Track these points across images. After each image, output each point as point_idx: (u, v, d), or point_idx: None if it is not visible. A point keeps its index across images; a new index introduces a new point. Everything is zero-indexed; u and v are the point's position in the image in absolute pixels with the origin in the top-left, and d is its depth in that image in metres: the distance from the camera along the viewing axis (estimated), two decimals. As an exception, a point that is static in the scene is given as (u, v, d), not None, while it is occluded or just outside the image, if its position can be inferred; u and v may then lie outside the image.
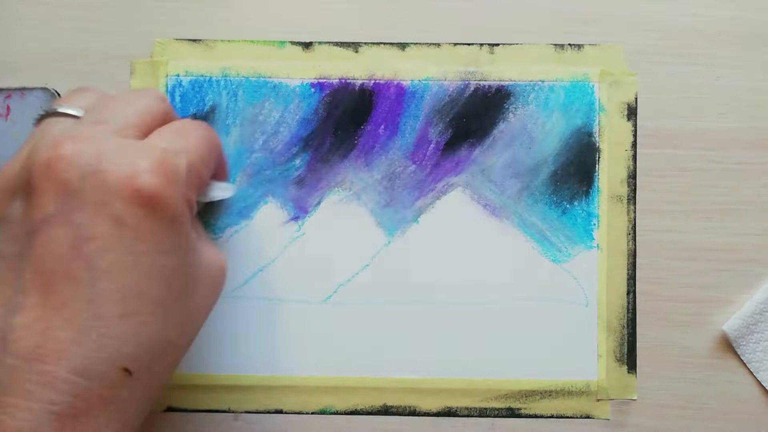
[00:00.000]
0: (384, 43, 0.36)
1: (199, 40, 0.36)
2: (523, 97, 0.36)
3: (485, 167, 0.35)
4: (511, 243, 0.35)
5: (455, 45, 0.36)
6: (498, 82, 0.36)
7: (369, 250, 0.35)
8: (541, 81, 0.36)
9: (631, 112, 0.36)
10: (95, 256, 0.20)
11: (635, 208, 0.35)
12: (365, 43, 0.36)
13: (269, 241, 0.35)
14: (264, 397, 0.35)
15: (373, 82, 0.36)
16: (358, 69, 0.36)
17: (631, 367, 0.35)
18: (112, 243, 0.20)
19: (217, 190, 0.30)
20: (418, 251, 0.35)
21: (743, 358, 0.35)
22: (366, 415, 0.35)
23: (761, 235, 0.35)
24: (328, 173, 0.36)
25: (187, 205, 0.23)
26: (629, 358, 0.35)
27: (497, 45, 0.36)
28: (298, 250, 0.35)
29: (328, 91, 0.36)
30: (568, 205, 0.35)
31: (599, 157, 0.35)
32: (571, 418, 0.35)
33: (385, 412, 0.35)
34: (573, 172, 0.35)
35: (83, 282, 0.20)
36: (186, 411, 0.35)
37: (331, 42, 0.36)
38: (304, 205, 0.36)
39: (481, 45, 0.36)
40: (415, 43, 0.36)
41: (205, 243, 0.26)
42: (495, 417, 0.35)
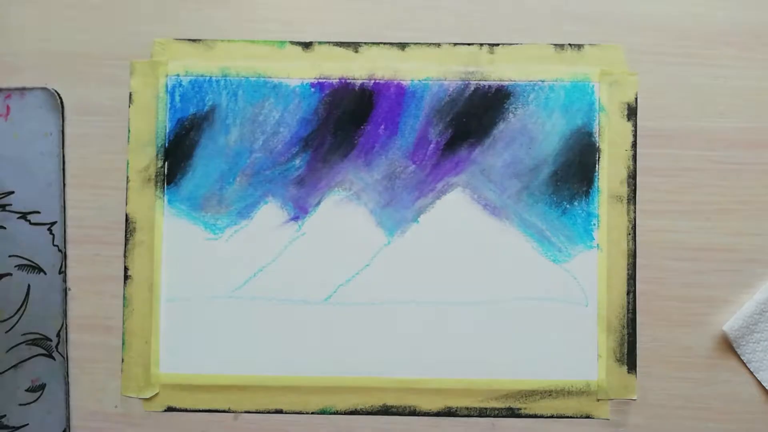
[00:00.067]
0: (384, 43, 0.36)
1: (199, 40, 0.36)
2: (523, 97, 0.36)
3: (485, 167, 0.35)
4: (511, 243, 0.35)
5: (455, 45, 0.36)
6: (498, 82, 0.36)
7: (369, 250, 0.35)
8: (541, 81, 0.36)
9: (631, 112, 0.35)
10: None
11: (635, 208, 0.35)
12: (365, 43, 0.36)
13: (269, 241, 0.35)
14: (264, 397, 0.35)
15: (373, 82, 0.36)
16: (358, 69, 0.36)
17: (631, 367, 0.35)
18: None
19: None
20: (418, 251, 0.35)
21: (743, 358, 0.35)
22: (366, 415, 0.35)
23: (761, 235, 0.35)
24: (328, 173, 0.36)
25: None
26: (629, 358, 0.35)
27: (497, 45, 0.36)
28: (298, 250, 0.35)
29: (328, 91, 0.36)
30: (568, 205, 0.35)
31: (599, 157, 0.35)
32: (571, 417, 0.35)
33: (385, 412, 0.35)
34: (573, 172, 0.35)
35: None
36: (186, 411, 0.35)
37: (331, 42, 0.36)
38: (304, 205, 0.36)
39: (481, 45, 0.36)
40: (415, 43, 0.36)
41: None
42: (495, 417, 0.35)
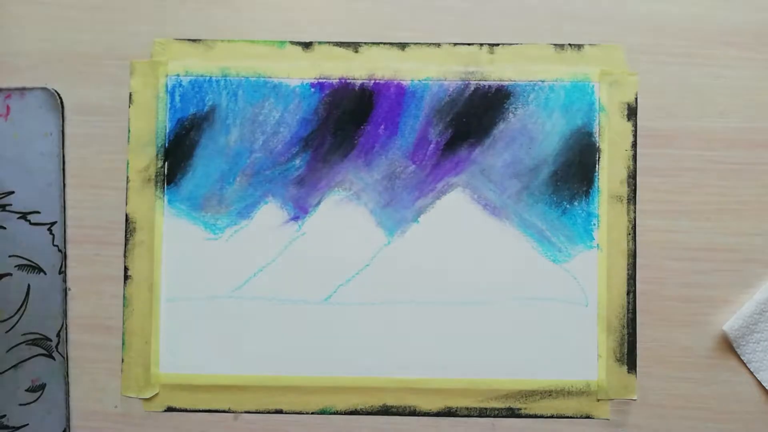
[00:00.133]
0: (384, 43, 0.36)
1: (199, 40, 0.36)
2: (523, 97, 0.35)
3: (485, 167, 0.35)
4: (511, 243, 0.35)
5: (455, 45, 0.36)
6: (498, 82, 0.36)
7: (369, 250, 0.35)
8: (541, 81, 0.36)
9: (631, 112, 0.35)
10: None
11: (635, 208, 0.35)
12: (365, 43, 0.36)
13: (269, 241, 0.35)
14: (264, 397, 0.35)
15: (373, 82, 0.36)
16: (358, 69, 0.36)
17: (631, 367, 0.35)
18: None
19: None
20: (418, 251, 0.35)
21: (743, 358, 0.35)
22: (366, 415, 0.35)
23: (761, 235, 0.35)
24: (328, 173, 0.36)
25: None
26: (629, 358, 0.35)
27: (497, 45, 0.36)
28: (298, 250, 0.35)
29: (328, 91, 0.36)
30: (568, 205, 0.35)
31: (599, 157, 0.35)
32: (571, 418, 0.35)
33: (385, 412, 0.35)
34: (573, 172, 0.35)
35: None
36: (186, 411, 0.35)
37: (331, 42, 0.36)
38: (304, 205, 0.36)
39: (481, 45, 0.36)
40: (415, 43, 0.36)
41: None
42: (495, 417, 0.35)
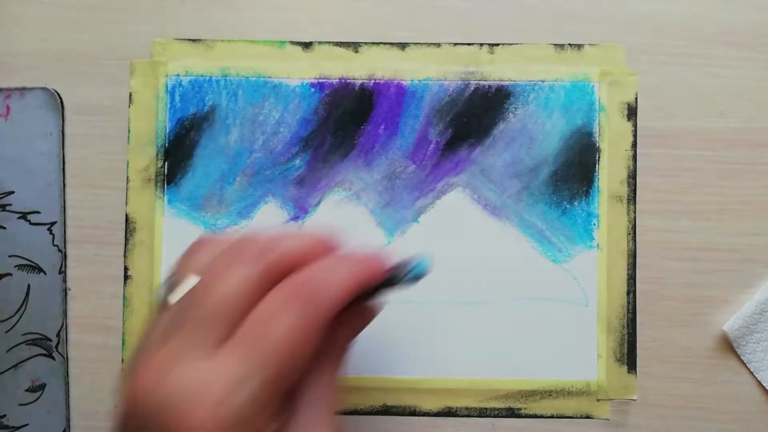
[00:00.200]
0: (384, 43, 0.36)
1: (199, 40, 0.36)
2: (523, 97, 0.35)
3: (485, 167, 0.35)
4: (511, 243, 0.35)
5: (455, 45, 0.36)
6: (498, 82, 0.36)
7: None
8: (541, 81, 0.36)
9: (631, 112, 0.35)
10: None
11: (635, 208, 0.35)
12: (365, 43, 0.36)
13: (269, 241, 0.35)
14: (264, 397, 0.35)
15: (373, 82, 0.36)
16: (358, 69, 0.36)
17: (631, 367, 0.35)
18: None
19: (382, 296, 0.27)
20: (418, 251, 0.35)
21: (743, 358, 0.35)
22: (366, 415, 0.35)
23: (761, 235, 0.35)
24: (328, 173, 0.36)
25: None
26: (629, 358, 0.35)
27: (497, 45, 0.36)
28: (298, 250, 0.35)
29: (328, 91, 0.36)
30: (568, 205, 0.35)
31: (599, 157, 0.35)
32: (571, 418, 0.35)
33: (385, 412, 0.35)
34: (573, 172, 0.35)
35: None
36: (186, 411, 0.35)
37: (331, 42, 0.36)
38: (304, 205, 0.36)
39: (481, 45, 0.36)
40: (415, 43, 0.36)
41: None
42: (495, 417, 0.35)
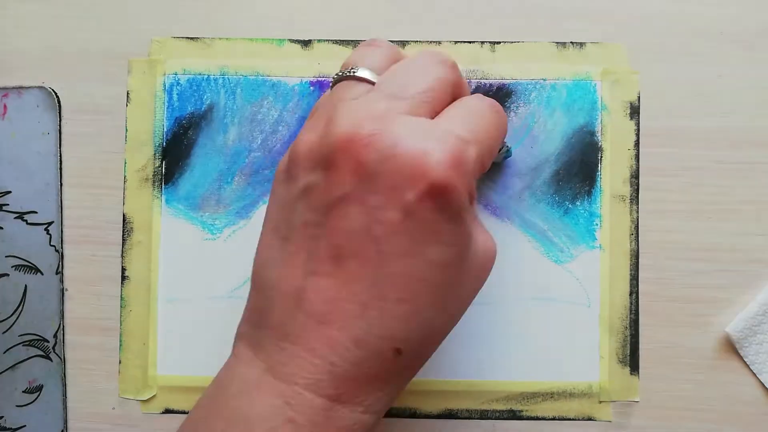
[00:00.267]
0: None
1: (197, 38, 0.36)
2: (524, 96, 0.35)
3: (486, 167, 0.35)
4: (512, 243, 0.35)
5: (456, 43, 0.36)
6: (499, 81, 0.35)
7: (369, 251, 0.35)
8: (542, 79, 0.35)
9: (634, 111, 0.35)
10: (384, 240, 0.21)
11: (638, 208, 0.35)
12: (365, 41, 0.36)
13: (268, 241, 0.35)
14: (263, 399, 0.35)
15: (373, 80, 0.35)
16: (357, 67, 0.35)
17: (634, 368, 0.35)
18: (399, 230, 0.21)
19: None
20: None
21: (746, 360, 0.35)
22: (366, 416, 0.35)
23: (765, 235, 0.35)
24: (327, 173, 0.35)
25: (469, 198, 0.23)
26: (632, 360, 0.35)
27: (499, 43, 0.35)
28: (297, 250, 0.35)
29: (327, 90, 0.35)
30: (570, 205, 0.35)
31: (601, 157, 0.35)
32: (573, 420, 0.35)
33: (386, 414, 0.35)
34: (575, 171, 0.35)
35: (371, 262, 0.22)
36: (184, 413, 0.35)
37: (330, 40, 0.36)
38: (303, 205, 0.35)
39: (482, 43, 0.36)
40: (415, 41, 0.36)
41: (480, 230, 0.26)
42: (496, 419, 0.35)
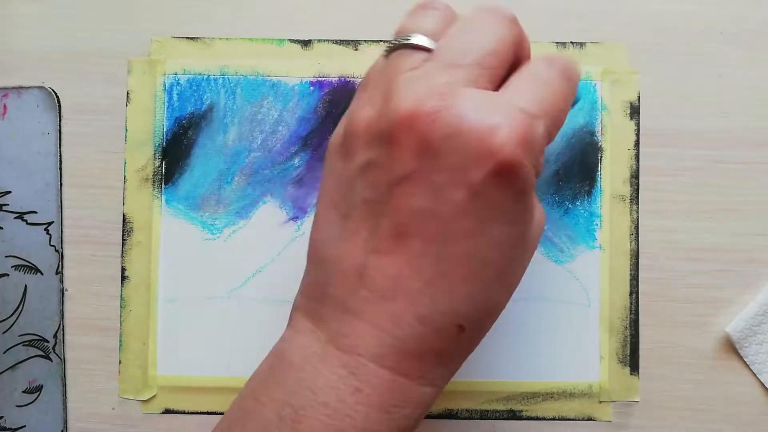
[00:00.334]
0: (384, 41, 0.36)
1: (197, 38, 0.36)
2: (524, 96, 0.35)
3: (486, 167, 0.35)
4: (512, 243, 0.35)
5: (456, 43, 0.36)
6: (499, 81, 0.35)
7: (369, 251, 0.35)
8: (542, 79, 0.35)
9: (634, 111, 0.35)
10: (448, 219, 0.21)
11: (638, 208, 0.35)
12: (365, 40, 0.36)
13: (268, 241, 0.35)
14: (263, 399, 0.35)
15: (372, 80, 0.35)
16: (357, 67, 0.35)
17: (634, 368, 0.35)
18: (464, 209, 0.21)
19: None
20: None
21: (746, 360, 0.35)
22: (366, 417, 0.35)
23: (765, 235, 0.35)
24: (327, 173, 0.35)
25: (535, 176, 0.23)
26: (632, 360, 0.35)
27: (498, 43, 0.35)
28: (296, 250, 0.35)
29: (327, 90, 0.35)
30: (570, 205, 0.35)
31: (602, 157, 0.35)
32: (573, 420, 0.35)
33: (385, 414, 0.35)
34: (575, 171, 0.35)
35: (435, 241, 0.21)
36: (184, 413, 0.35)
37: (331, 40, 0.36)
38: (303, 205, 0.35)
39: (482, 43, 0.35)
40: (415, 41, 0.36)
41: (536, 202, 0.24)
42: (496, 419, 0.35)
